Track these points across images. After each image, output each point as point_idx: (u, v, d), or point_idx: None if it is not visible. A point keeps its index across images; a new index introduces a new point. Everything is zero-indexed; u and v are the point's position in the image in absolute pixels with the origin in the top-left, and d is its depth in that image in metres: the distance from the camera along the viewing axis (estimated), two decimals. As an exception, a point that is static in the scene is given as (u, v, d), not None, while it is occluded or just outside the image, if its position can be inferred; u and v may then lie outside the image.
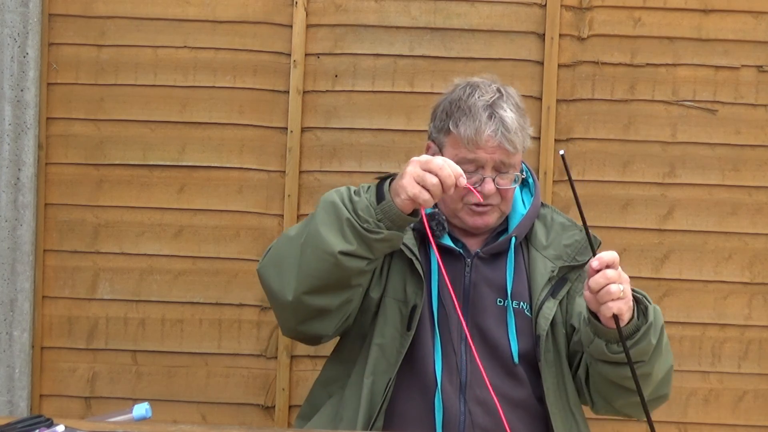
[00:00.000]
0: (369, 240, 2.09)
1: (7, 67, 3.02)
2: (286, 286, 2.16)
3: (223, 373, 3.11)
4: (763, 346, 3.08)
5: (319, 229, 2.10)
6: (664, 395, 2.32)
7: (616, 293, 2.00)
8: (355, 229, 2.08)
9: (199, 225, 3.10)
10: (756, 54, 3.06)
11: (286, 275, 2.16)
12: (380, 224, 2.08)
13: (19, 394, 3.06)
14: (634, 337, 2.09)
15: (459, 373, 2.25)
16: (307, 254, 2.12)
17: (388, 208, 2.07)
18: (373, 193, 2.11)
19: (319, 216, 2.12)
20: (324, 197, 2.16)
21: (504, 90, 2.35)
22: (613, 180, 3.08)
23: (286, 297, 2.16)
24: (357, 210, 2.09)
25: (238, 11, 3.08)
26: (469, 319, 2.28)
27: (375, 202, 2.09)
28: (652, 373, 2.19)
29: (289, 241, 2.20)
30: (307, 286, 2.14)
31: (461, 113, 2.29)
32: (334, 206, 2.11)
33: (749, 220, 3.07)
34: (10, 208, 3.03)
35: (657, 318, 2.16)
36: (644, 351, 2.12)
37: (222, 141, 3.09)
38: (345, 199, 2.11)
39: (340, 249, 2.08)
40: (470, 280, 2.30)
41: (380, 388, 2.25)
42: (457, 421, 2.23)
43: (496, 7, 3.07)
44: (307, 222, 2.19)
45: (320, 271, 2.13)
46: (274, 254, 2.24)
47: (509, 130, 2.27)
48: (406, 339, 2.26)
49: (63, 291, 3.11)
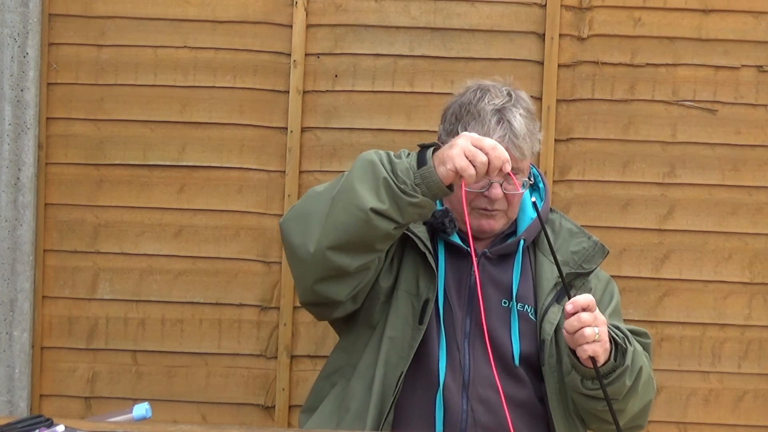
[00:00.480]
0: (402, 202, 2.07)
1: (7, 67, 3.01)
2: (309, 238, 2.13)
3: (223, 373, 3.11)
4: (763, 346, 3.08)
5: (354, 184, 2.08)
6: (638, 426, 2.35)
7: (591, 336, 2.03)
8: (390, 188, 2.06)
9: (199, 225, 3.10)
10: (756, 54, 3.06)
11: (310, 228, 2.13)
12: (416, 188, 2.06)
13: (19, 394, 3.06)
14: (609, 377, 2.13)
15: (462, 371, 2.26)
16: (337, 207, 2.10)
17: (428, 174, 2.05)
18: (414, 158, 2.09)
19: (356, 172, 2.10)
20: (362, 155, 2.13)
21: (515, 94, 2.34)
22: (613, 180, 3.08)
23: (308, 249, 2.13)
24: (396, 170, 2.07)
25: (238, 11, 3.08)
26: (473, 318, 2.28)
27: (415, 166, 2.07)
28: (625, 409, 2.22)
29: (316, 196, 2.18)
30: (331, 239, 2.11)
31: (470, 117, 2.29)
32: (372, 164, 2.09)
33: (749, 220, 3.07)
34: (10, 208, 3.03)
35: (635, 361, 2.18)
36: (618, 391, 2.16)
37: (222, 141, 3.09)
38: (384, 159, 2.09)
39: (372, 206, 2.06)
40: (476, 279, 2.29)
41: (392, 381, 2.25)
42: (459, 419, 2.24)
43: (496, 7, 3.07)
44: (338, 179, 2.17)
45: (348, 225, 2.10)
46: (299, 209, 2.21)
47: (517, 136, 2.27)
48: (417, 333, 2.26)
49: (63, 291, 3.11)
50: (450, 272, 2.31)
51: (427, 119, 3.07)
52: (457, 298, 2.29)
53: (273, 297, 3.09)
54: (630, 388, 2.18)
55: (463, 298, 2.29)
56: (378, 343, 2.28)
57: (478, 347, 2.27)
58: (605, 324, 2.07)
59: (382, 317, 2.30)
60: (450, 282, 2.30)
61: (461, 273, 2.30)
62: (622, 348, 2.14)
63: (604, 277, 2.43)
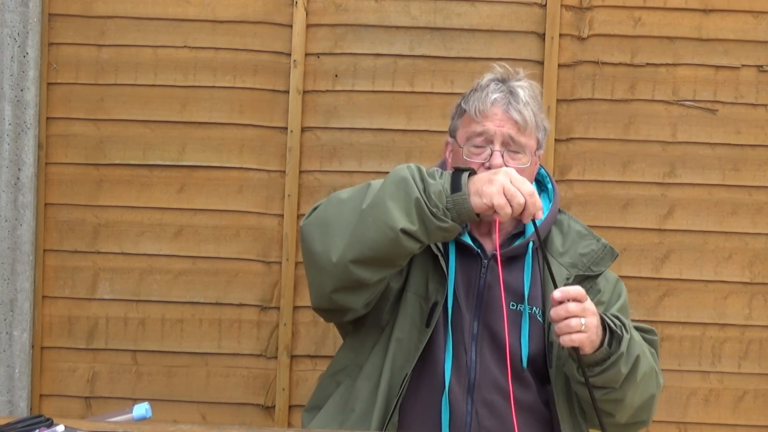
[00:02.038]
0: (432, 225, 2.07)
1: (7, 67, 3.02)
2: (332, 248, 2.12)
3: (223, 373, 3.11)
4: (763, 346, 3.08)
5: (386, 200, 2.07)
6: (642, 421, 2.33)
7: (576, 327, 2.04)
8: (421, 209, 2.05)
9: (199, 225, 3.10)
10: (756, 54, 3.06)
11: (334, 238, 2.12)
12: (447, 212, 2.05)
13: (19, 394, 3.06)
14: (604, 364, 2.13)
15: (468, 374, 2.25)
16: (366, 222, 2.08)
17: (462, 201, 2.05)
18: (448, 180, 2.08)
19: (388, 189, 2.08)
20: (395, 171, 2.11)
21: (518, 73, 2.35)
22: (613, 180, 3.08)
23: (330, 258, 2.12)
24: (429, 192, 2.06)
25: (238, 11, 3.08)
26: (480, 320, 2.28)
27: (449, 190, 2.06)
28: (624, 399, 2.21)
29: (340, 204, 2.16)
30: (356, 253, 2.11)
31: (473, 92, 2.31)
32: (405, 182, 2.07)
33: (749, 220, 3.07)
34: (10, 208, 3.03)
35: (631, 349, 2.17)
36: (613, 379, 2.16)
37: (222, 141, 3.09)
38: (416, 177, 2.08)
39: (402, 226, 2.05)
40: (485, 281, 2.29)
41: (397, 382, 2.25)
42: (462, 422, 2.23)
43: (496, 7, 3.07)
44: (363, 188, 2.14)
45: (375, 242, 2.09)
46: (321, 215, 2.19)
47: (518, 101, 2.26)
48: (423, 335, 2.25)
49: (63, 291, 3.11)
50: (460, 273, 2.30)
51: (427, 119, 3.07)
52: (465, 300, 2.28)
53: (273, 297, 3.09)
54: (627, 377, 2.17)
55: (471, 300, 2.29)
56: (386, 344, 2.28)
57: (485, 349, 2.26)
58: (595, 315, 2.08)
59: (390, 318, 2.30)
60: (459, 283, 2.29)
61: (471, 274, 2.30)
62: (618, 335, 2.14)
63: (612, 277, 2.42)
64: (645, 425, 2.35)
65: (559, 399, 2.28)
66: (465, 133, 2.29)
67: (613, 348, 2.13)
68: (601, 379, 2.14)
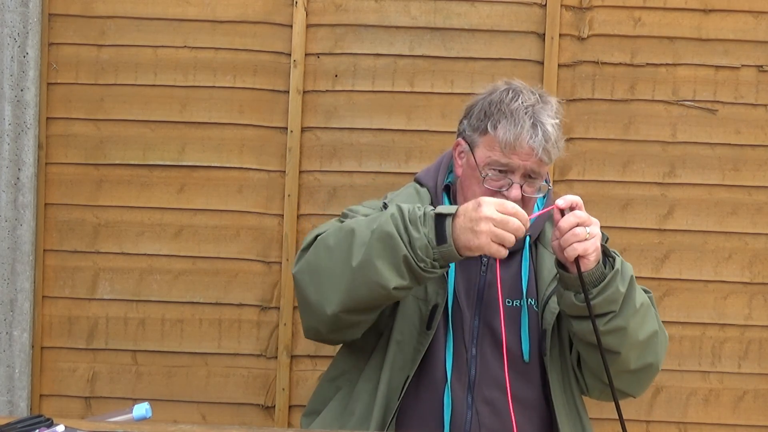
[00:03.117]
0: (421, 276, 2.08)
1: (7, 67, 3.02)
2: (326, 300, 2.15)
3: (223, 373, 3.11)
4: (763, 346, 3.08)
5: (374, 261, 2.07)
6: (650, 365, 2.28)
7: (582, 235, 2.05)
8: (410, 265, 2.06)
9: (199, 225, 3.10)
10: (756, 54, 3.06)
11: (327, 290, 2.15)
12: (435, 263, 2.06)
13: (19, 394, 3.06)
14: (600, 284, 2.11)
15: (468, 372, 2.26)
16: (358, 282, 2.10)
17: (448, 252, 2.05)
18: (432, 230, 2.06)
19: (375, 247, 2.08)
20: (380, 224, 2.09)
21: (546, 98, 2.32)
22: (613, 180, 3.08)
23: (325, 311, 2.15)
24: (415, 248, 2.05)
25: (238, 11, 3.08)
26: (480, 318, 2.28)
27: (434, 240, 2.05)
28: (627, 327, 2.17)
29: (328, 252, 2.16)
30: (351, 307, 2.15)
31: (501, 115, 2.26)
32: (391, 239, 2.07)
33: (749, 220, 3.07)
34: (10, 208, 3.03)
35: (625, 269, 2.17)
36: (612, 299, 2.13)
37: (222, 141, 3.09)
38: (401, 230, 2.07)
39: (394, 285, 2.08)
40: (485, 280, 2.30)
41: (397, 384, 2.25)
42: (463, 420, 2.23)
43: (496, 7, 3.07)
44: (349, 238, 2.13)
45: (370, 299, 2.13)
46: (311, 263, 2.20)
47: (548, 141, 2.25)
48: (425, 337, 2.26)
49: (63, 291, 3.11)
50: (459, 272, 2.30)
51: (427, 119, 3.07)
52: (465, 298, 2.29)
53: (273, 297, 3.09)
54: (626, 299, 2.15)
55: (471, 298, 2.29)
56: (385, 347, 2.29)
57: (485, 347, 2.27)
58: (598, 224, 2.09)
59: (389, 322, 2.30)
60: (459, 282, 2.30)
61: (470, 273, 2.30)
62: (610, 255, 2.14)
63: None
64: (655, 370, 2.30)
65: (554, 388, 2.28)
66: (486, 156, 2.27)
67: (607, 267, 2.13)
68: (602, 300, 2.11)
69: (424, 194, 2.38)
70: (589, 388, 2.36)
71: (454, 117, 2.99)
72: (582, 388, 2.38)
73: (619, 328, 2.16)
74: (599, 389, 2.35)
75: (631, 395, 2.35)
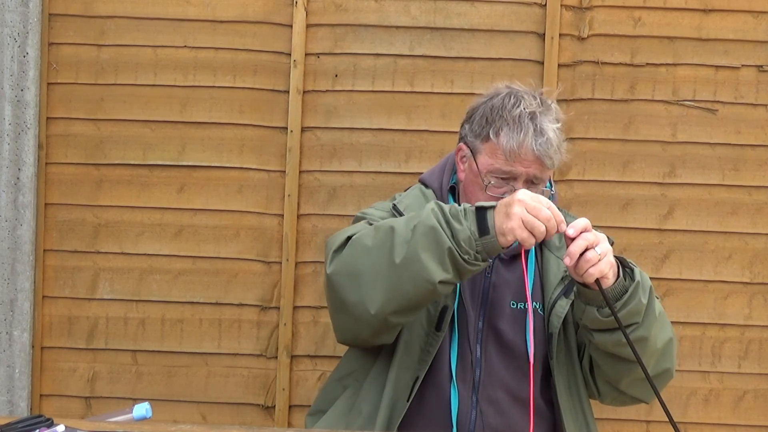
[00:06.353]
0: (465, 269, 2.08)
1: (7, 67, 3.01)
2: (369, 300, 2.12)
3: (223, 373, 3.11)
4: (763, 346, 3.08)
5: (419, 255, 2.06)
6: (667, 370, 2.30)
7: (594, 259, 2.04)
8: (454, 258, 2.05)
9: (199, 225, 3.10)
10: (756, 54, 3.06)
11: (369, 290, 2.13)
12: (478, 256, 2.06)
13: (19, 394, 3.06)
14: (623, 297, 2.11)
15: (473, 372, 2.26)
16: (403, 278, 2.09)
17: (491, 243, 2.04)
18: (474, 222, 2.06)
19: (420, 241, 2.07)
20: (422, 220, 2.09)
21: (546, 102, 2.32)
22: (613, 180, 3.08)
23: (368, 310, 2.13)
24: (459, 240, 2.05)
25: (238, 11, 3.08)
26: (485, 319, 2.29)
27: (477, 233, 2.05)
28: (649, 337, 2.18)
29: (367, 252, 2.14)
30: (396, 306, 2.12)
31: (503, 122, 2.26)
32: (434, 232, 2.06)
33: (749, 220, 3.07)
34: (10, 208, 3.03)
35: (644, 279, 2.17)
36: (636, 311, 2.13)
37: (222, 141, 3.09)
38: (443, 223, 2.07)
39: (440, 279, 2.07)
40: (490, 281, 2.30)
41: (403, 383, 2.25)
42: (467, 420, 2.24)
43: (496, 6, 3.07)
44: (389, 236, 2.11)
45: (415, 295, 2.11)
46: (349, 263, 2.18)
47: (551, 147, 2.26)
48: (433, 338, 2.25)
49: (63, 291, 3.11)
50: None
51: (427, 119, 3.07)
52: (471, 299, 2.29)
53: (273, 297, 3.09)
54: (647, 309, 2.16)
55: (476, 299, 2.30)
56: (393, 347, 2.28)
57: (490, 348, 2.28)
58: (605, 239, 2.08)
59: None
60: (464, 283, 2.29)
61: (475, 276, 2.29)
62: (629, 267, 2.14)
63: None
64: (671, 375, 2.32)
65: (561, 391, 2.29)
66: (488, 164, 2.27)
67: (627, 280, 2.13)
68: (625, 313, 2.11)
69: (429, 195, 2.39)
70: (602, 394, 2.37)
71: (454, 117, 3.00)
72: (593, 393, 2.38)
73: (642, 338, 2.16)
74: (612, 396, 2.36)
75: (644, 401, 2.37)
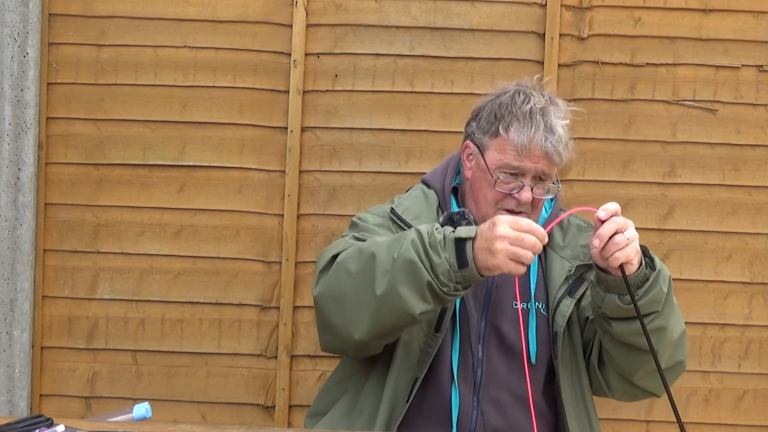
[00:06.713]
0: (445, 299, 2.09)
1: (7, 67, 3.01)
2: (352, 326, 2.16)
3: (223, 373, 3.11)
4: (763, 345, 3.08)
5: (398, 289, 2.08)
6: (680, 362, 2.30)
7: (622, 243, 2.05)
8: (434, 291, 2.07)
9: (199, 225, 3.10)
10: (756, 54, 3.06)
11: (352, 316, 2.16)
12: (458, 286, 2.07)
13: (19, 394, 3.06)
14: (645, 285, 2.11)
15: (474, 373, 2.26)
16: (384, 310, 2.11)
17: (470, 275, 2.05)
18: (452, 253, 2.06)
19: (399, 275, 2.08)
20: (401, 252, 2.09)
21: (554, 99, 2.34)
22: (613, 180, 3.08)
23: (352, 336, 2.17)
24: (437, 273, 2.06)
25: (238, 11, 3.08)
26: (487, 319, 2.29)
27: (456, 265, 2.05)
28: (667, 327, 2.19)
29: (349, 278, 2.16)
30: (378, 332, 2.17)
31: (513, 118, 2.27)
32: (413, 266, 2.07)
33: (749, 220, 3.07)
34: (10, 208, 3.03)
35: (664, 269, 2.18)
36: (656, 299, 2.14)
37: (222, 141, 3.09)
38: (422, 255, 2.07)
39: (420, 311, 2.09)
40: (493, 281, 2.30)
41: (403, 384, 2.26)
42: (469, 420, 2.24)
43: (496, 6, 3.07)
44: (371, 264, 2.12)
45: (397, 324, 2.15)
46: (333, 287, 2.20)
47: (560, 143, 2.27)
48: (433, 339, 2.26)
49: (63, 291, 3.11)
50: None
51: (427, 119, 3.07)
52: (473, 299, 2.30)
53: (273, 297, 3.09)
54: (667, 298, 2.16)
55: (479, 300, 2.30)
56: (392, 348, 2.29)
57: (492, 348, 2.28)
58: (632, 225, 2.10)
59: None
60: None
61: None
62: (650, 256, 2.15)
63: None
64: (683, 367, 2.33)
65: (565, 391, 2.29)
66: (497, 159, 2.28)
67: (648, 268, 2.13)
68: (646, 301, 2.11)
69: (431, 196, 2.39)
70: (612, 388, 2.36)
71: (454, 117, 3.00)
72: (601, 389, 2.38)
73: (660, 328, 2.17)
74: (623, 389, 2.35)
75: (656, 395, 2.36)
